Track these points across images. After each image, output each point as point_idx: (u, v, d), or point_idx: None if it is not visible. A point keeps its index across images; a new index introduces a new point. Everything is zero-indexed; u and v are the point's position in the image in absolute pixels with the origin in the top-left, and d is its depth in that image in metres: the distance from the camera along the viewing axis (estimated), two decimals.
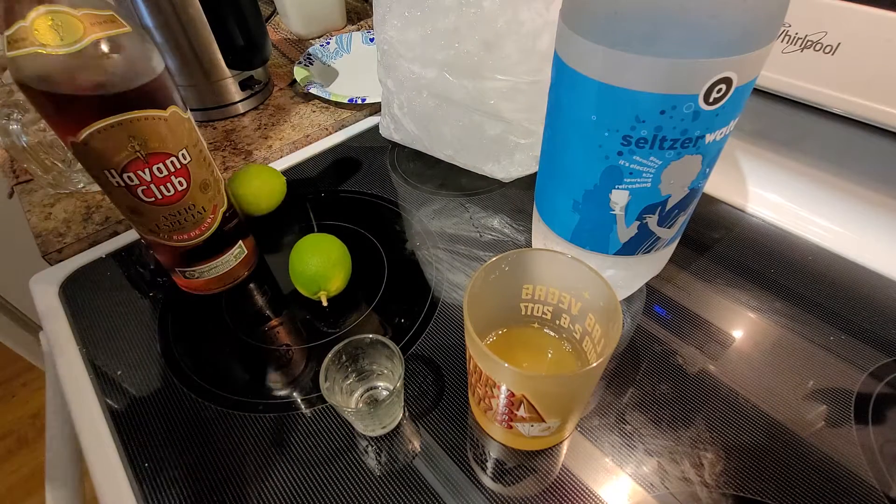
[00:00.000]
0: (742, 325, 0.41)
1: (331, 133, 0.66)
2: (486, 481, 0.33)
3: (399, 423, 0.36)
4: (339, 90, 0.71)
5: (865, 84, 0.40)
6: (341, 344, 0.34)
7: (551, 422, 0.30)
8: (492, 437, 0.35)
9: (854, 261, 0.46)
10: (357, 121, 0.67)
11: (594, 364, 0.26)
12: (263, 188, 0.51)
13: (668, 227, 0.35)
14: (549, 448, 0.34)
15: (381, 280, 0.46)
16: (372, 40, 0.80)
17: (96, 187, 0.56)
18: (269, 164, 0.61)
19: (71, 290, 0.47)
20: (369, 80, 0.70)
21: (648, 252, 0.37)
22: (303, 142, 0.64)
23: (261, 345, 0.42)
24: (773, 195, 0.51)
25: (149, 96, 0.32)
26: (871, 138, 0.44)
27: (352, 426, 0.36)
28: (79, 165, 0.55)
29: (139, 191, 0.35)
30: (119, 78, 0.30)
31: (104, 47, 0.29)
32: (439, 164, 0.58)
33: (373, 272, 0.47)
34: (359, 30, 0.84)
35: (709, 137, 0.29)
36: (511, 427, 0.31)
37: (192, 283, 0.44)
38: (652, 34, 0.25)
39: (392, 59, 0.52)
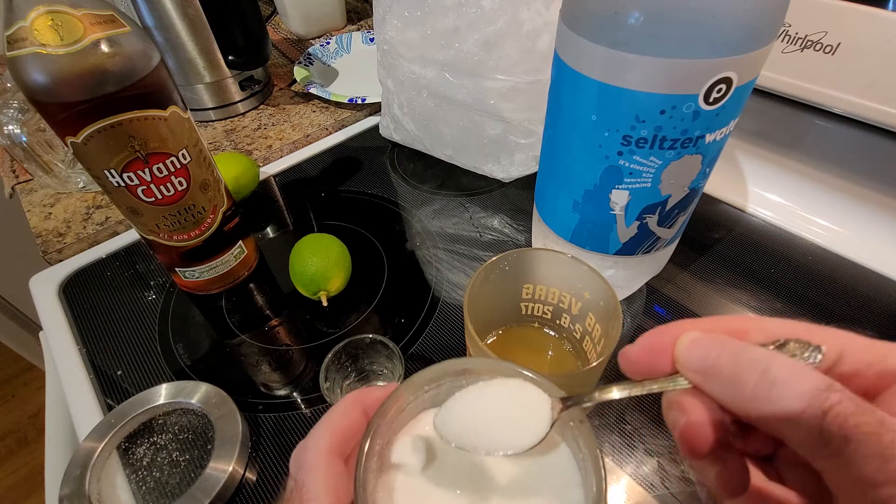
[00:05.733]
0: None
1: (331, 133, 0.66)
2: None
3: None
4: (339, 90, 0.71)
5: (865, 84, 0.39)
6: (341, 344, 0.34)
7: None
8: None
9: (854, 261, 0.45)
10: (357, 121, 0.67)
11: (594, 364, 0.26)
12: (229, 174, 0.50)
13: (668, 227, 0.35)
14: None
15: (381, 280, 0.46)
16: (372, 40, 0.80)
17: (96, 187, 0.56)
18: (269, 163, 0.61)
19: (71, 290, 0.47)
20: (369, 80, 0.70)
21: (648, 252, 0.37)
22: (303, 142, 0.64)
23: (261, 345, 0.42)
24: (773, 195, 0.51)
25: (149, 96, 0.32)
26: (871, 138, 0.44)
27: None
28: (79, 165, 0.55)
29: (139, 191, 0.35)
30: (119, 78, 0.30)
31: (104, 47, 0.29)
32: (439, 164, 0.58)
33: (373, 272, 0.47)
34: (359, 30, 0.84)
35: (709, 137, 0.29)
36: None
37: (193, 283, 0.44)
38: (652, 34, 0.25)
39: (392, 59, 0.52)
